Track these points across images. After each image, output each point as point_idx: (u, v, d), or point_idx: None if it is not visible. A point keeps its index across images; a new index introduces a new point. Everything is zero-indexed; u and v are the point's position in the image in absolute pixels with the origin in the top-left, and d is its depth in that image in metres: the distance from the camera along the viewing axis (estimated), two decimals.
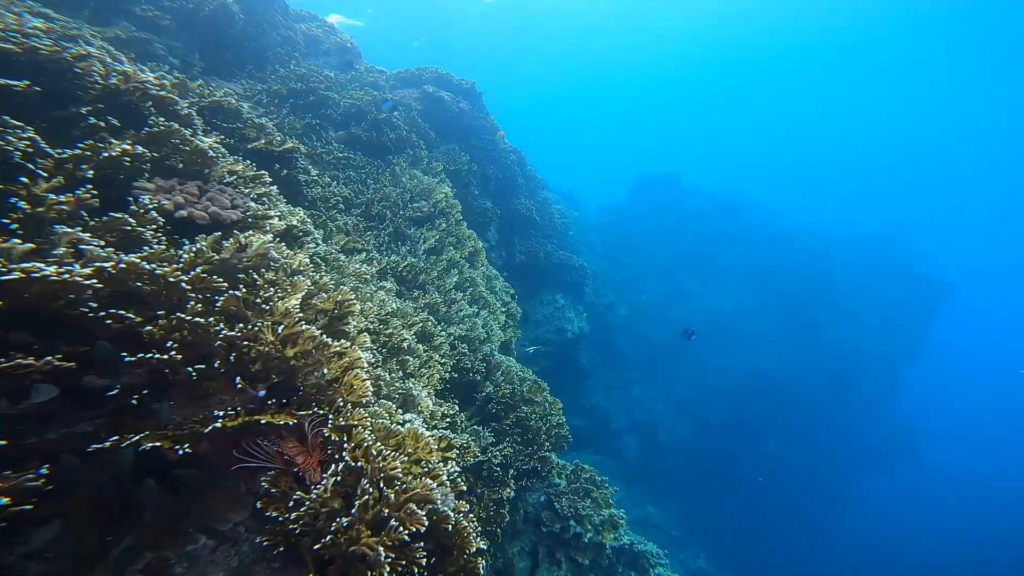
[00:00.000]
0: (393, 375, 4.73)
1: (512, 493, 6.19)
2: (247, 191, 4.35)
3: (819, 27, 53.68)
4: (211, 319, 2.61)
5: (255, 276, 3.10)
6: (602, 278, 28.46)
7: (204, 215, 3.51)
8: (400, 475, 3.01)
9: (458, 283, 8.11)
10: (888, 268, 32.60)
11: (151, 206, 3.07)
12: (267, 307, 2.96)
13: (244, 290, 2.96)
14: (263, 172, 4.68)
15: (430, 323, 6.40)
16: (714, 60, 70.11)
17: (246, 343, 2.74)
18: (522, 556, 7.51)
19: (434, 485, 3.11)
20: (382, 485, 2.89)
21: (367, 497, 2.77)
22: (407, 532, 2.73)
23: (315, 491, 2.63)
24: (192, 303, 2.59)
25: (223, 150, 4.17)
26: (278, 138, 6.03)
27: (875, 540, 29.98)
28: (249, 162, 4.69)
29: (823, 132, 79.86)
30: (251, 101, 8.19)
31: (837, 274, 31.85)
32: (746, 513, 24.91)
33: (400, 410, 4.18)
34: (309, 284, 3.38)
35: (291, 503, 2.58)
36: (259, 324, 2.79)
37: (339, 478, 2.81)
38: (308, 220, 5.29)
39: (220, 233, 3.12)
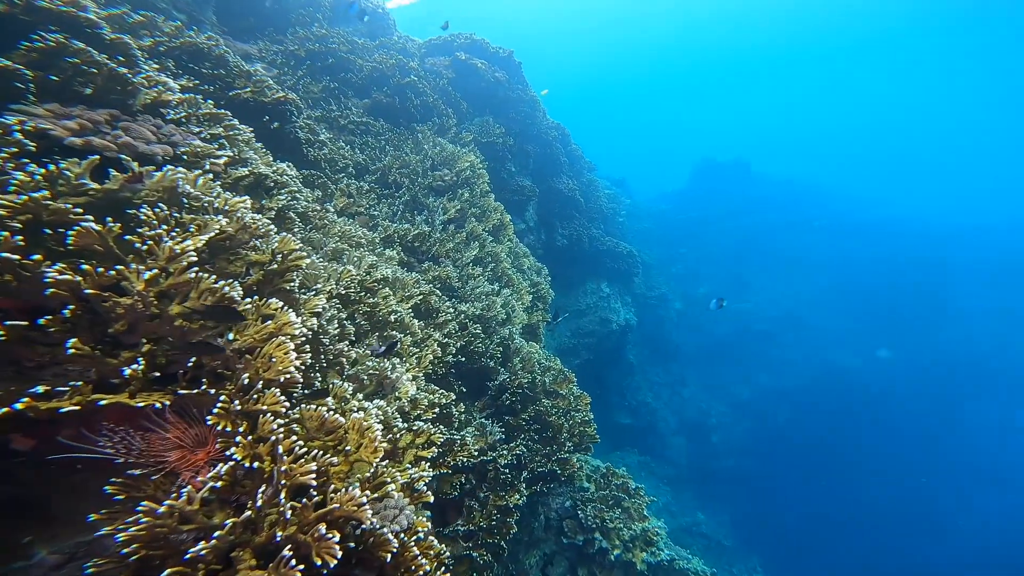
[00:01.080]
0: (369, 352, 3.95)
1: (522, 499, 5.29)
2: (197, 130, 3.69)
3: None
4: (36, 257, 1.89)
5: (145, 212, 2.37)
6: (655, 268, 26.75)
7: (111, 146, 2.84)
8: (314, 482, 2.19)
9: (478, 257, 7.25)
10: (1019, 265, 28.20)
11: (16, 127, 2.41)
12: (146, 247, 2.21)
13: (119, 226, 2.23)
14: (225, 112, 4.02)
15: (435, 297, 5.59)
16: (797, 40, 63.68)
17: (97, 292, 2.00)
18: (539, 568, 6.61)
19: (365, 499, 2.27)
20: (281, 496, 2.08)
21: (250, 513, 1.97)
22: (302, 568, 1.91)
23: (169, 501, 1.85)
24: (6, 236, 1.87)
25: (165, 79, 3.51)
26: (270, 88, 5.40)
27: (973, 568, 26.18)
28: (212, 102, 4.04)
29: (936, 115, 69.02)
30: (265, 62, 7.70)
31: (950, 268, 27.90)
32: (814, 524, 22.39)
33: (361, 395, 3.38)
34: (226, 225, 2.61)
35: (130, 518, 1.82)
36: (118, 268, 2.04)
37: (220, 484, 2.03)
38: (289, 172, 4.60)
39: (97, 157, 2.41)
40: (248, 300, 2.46)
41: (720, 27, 60.92)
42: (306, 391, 2.99)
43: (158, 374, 2.16)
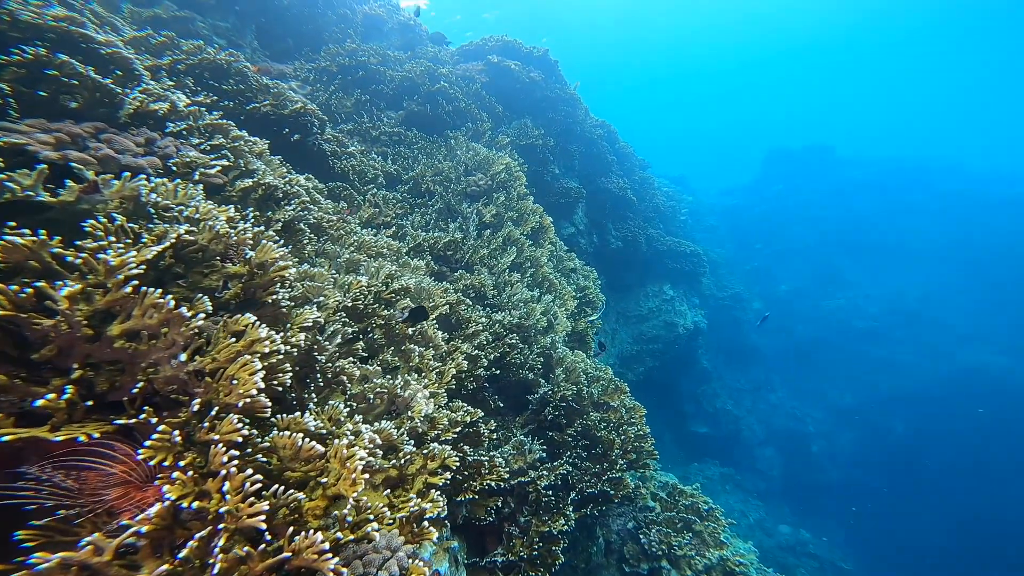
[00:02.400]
0: (380, 368, 3.62)
1: (569, 525, 4.72)
2: (196, 142, 3.59)
3: None
4: None
5: (90, 223, 2.17)
6: (726, 267, 24.94)
7: (90, 160, 2.72)
8: (263, 525, 1.83)
9: (515, 263, 6.82)
10: None
11: None
12: (80, 261, 1.99)
13: (57, 239, 2.03)
14: (229, 123, 3.91)
15: (464, 306, 5.22)
16: (885, 9, 56.23)
17: (12, 313, 1.78)
18: None
19: (327, 545, 1.88)
20: (218, 544, 1.74)
21: (167, 567, 1.63)
22: None
23: (63, 552, 1.55)
24: None
25: (163, 92, 3.43)
26: (290, 100, 5.34)
27: None
28: (218, 113, 3.95)
29: None
30: (299, 80, 7.84)
31: None
32: (970, 550, 18.89)
33: (361, 417, 3.03)
34: (187, 235, 2.37)
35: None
36: (37, 286, 1.82)
37: (148, 528, 1.72)
38: (303, 184, 4.45)
39: (45, 167, 2.25)
40: (202, 316, 2.18)
41: (784, 9, 56.24)
42: (289, 415, 2.69)
43: (91, 403, 1.91)
